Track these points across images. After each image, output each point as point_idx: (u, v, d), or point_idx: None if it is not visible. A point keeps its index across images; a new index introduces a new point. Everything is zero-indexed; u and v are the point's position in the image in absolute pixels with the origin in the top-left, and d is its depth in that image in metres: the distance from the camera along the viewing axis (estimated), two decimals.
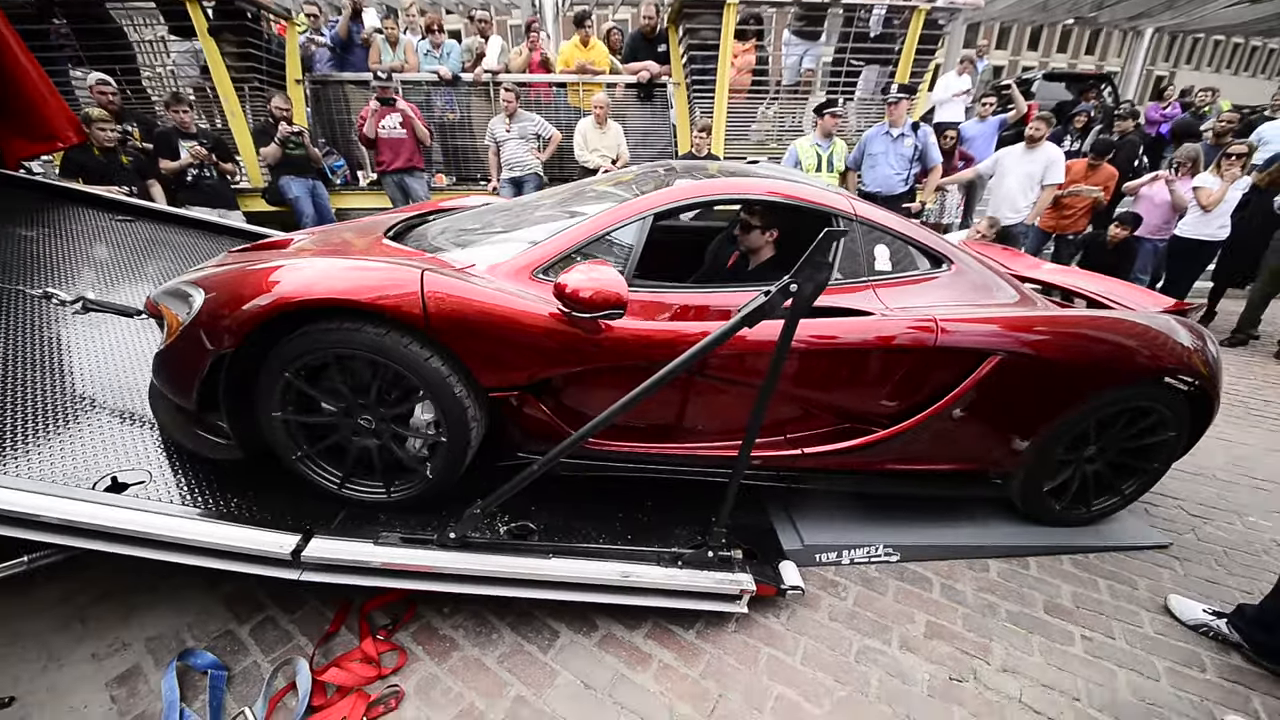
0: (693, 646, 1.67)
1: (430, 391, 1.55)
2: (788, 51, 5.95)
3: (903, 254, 1.98)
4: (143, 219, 3.24)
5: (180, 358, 1.60)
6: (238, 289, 1.51)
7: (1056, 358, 1.83)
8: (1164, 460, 2.10)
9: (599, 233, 1.77)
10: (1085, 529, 2.19)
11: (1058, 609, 1.87)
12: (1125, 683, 1.61)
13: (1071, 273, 2.77)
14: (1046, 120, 4.73)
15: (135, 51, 5.39)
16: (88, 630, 1.62)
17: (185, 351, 1.57)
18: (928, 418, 1.83)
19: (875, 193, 4.73)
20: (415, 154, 5.07)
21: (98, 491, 1.52)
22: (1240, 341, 4.79)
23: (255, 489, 1.69)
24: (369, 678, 1.50)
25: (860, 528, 2.08)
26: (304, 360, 1.52)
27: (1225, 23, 11.42)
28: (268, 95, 5.01)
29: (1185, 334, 1.98)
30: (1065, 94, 8.30)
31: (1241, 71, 37.48)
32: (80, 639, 1.59)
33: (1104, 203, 4.92)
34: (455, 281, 1.54)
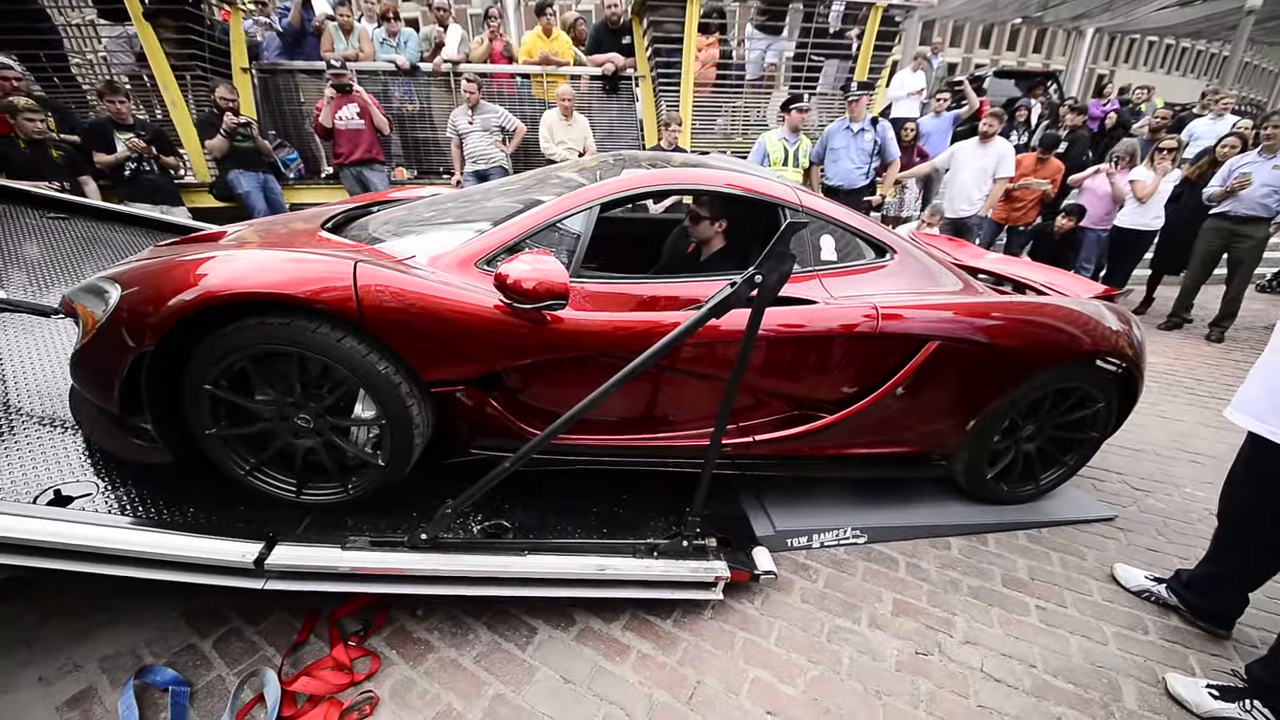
0: (670, 635, 1.69)
1: (369, 388, 1.51)
2: (751, 45, 6.00)
3: (848, 244, 2.02)
4: (77, 216, 3.04)
5: (98, 357, 1.52)
6: (160, 283, 1.43)
7: (993, 342, 1.91)
8: (1093, 439, 2.22)
9: (544, 223, 1.75)
10: (1039, 506, 2.31)
11: (1015, 582, 1.97)
12: (1077, 648, 1.72)
13: (1011, 261, 2.90)
14: (998, 116, 4.94)
15: (61, 36, 5.02)
16: (34, 653, 1.52)
17: (103, 351, 1.48)
18: (871, 403, 1.89)
19: (838, 186, 4.84)
20: (374, 146, 4.90)
21: (39, 505, 1.43)
22: (1175, 325, 5.12)
23: (213, 497, 1.62)
24: (341, 685, 1.46)
25: (829, 512, 2.14)
26: (233, 358, 1.46)
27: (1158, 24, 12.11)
28: (212, 85, 4.76)
29: (1112, 318, 2.10)
30: (1015, 91, 8.65)
31: (1174, 71, 39.84)
32: (26, 663, 1.49)
33: (1051, 195, 5.17)
34: (392, 273, 1.49)
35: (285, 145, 5.37)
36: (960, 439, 2.06)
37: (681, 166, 2.11)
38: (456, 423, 1.73)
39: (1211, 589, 1.75)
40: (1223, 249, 4.69)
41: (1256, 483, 1.57)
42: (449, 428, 1.75)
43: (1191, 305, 5.13)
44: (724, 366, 1.77)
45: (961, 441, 2.07)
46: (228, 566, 1.43)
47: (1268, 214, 4.36)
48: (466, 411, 1.68)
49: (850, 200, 4.82)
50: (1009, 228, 5.37)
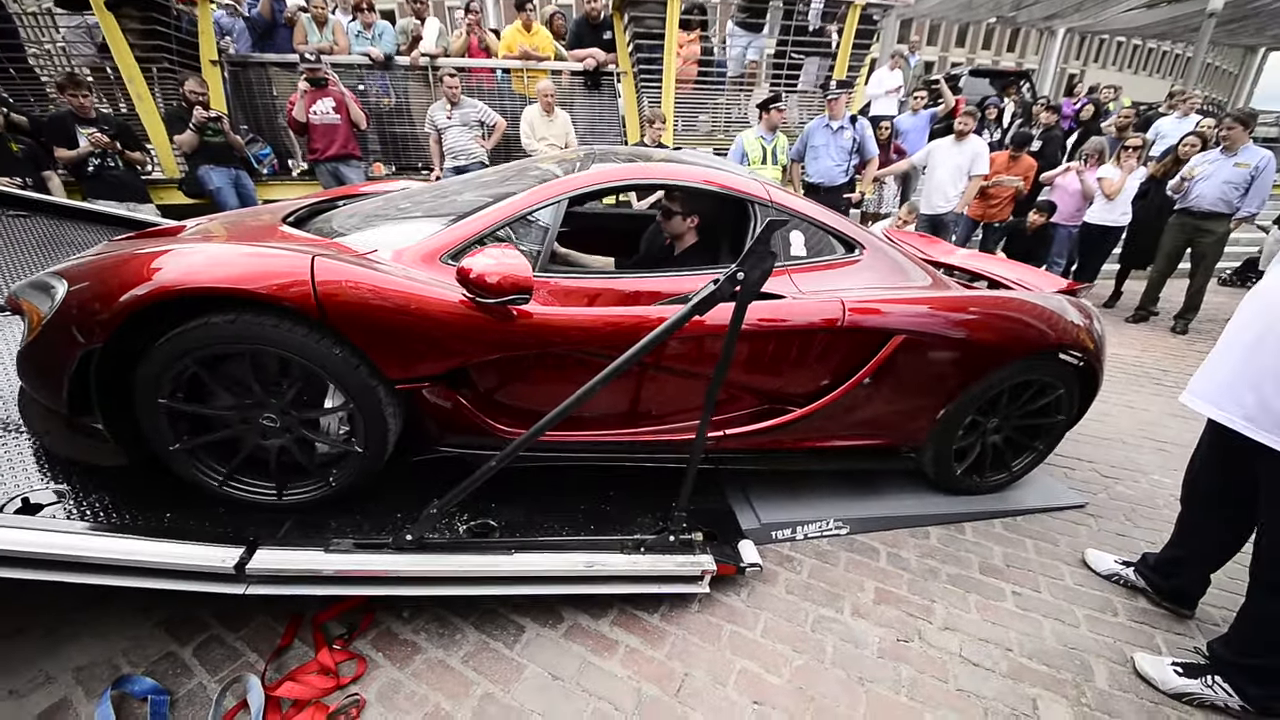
0: (658, 629, 1.71)
1: (337, 383, 1.49)
2: (732, 43, 6.03)
3: (818, 240, 2.04)
4: (39, 214, 2.93)
5: (44, 355, 1.47)
6: (110, 278, 1.39)
7: (957, 335, 1.94)
8: (1060, 423, 2.28)
9: (510, 217, 1.73)
10: (1014, 495, 2.38)
11: (991, 569, 2.03)
12: (1050, 631, 1.78)
13: (981, 258, 2.95)
14: (973, 114, 5.05)
15: (16, 25, 4.81)
16: (5, 666, 1.47)
17: (50, 348, 1.44)
18: (838, 396, 1.91)
19: (818, 183, 4.89)
20: (351, 141, 4.81)
21: (7, 514, 1.38)
22: (1142, 318, 5.30)
23: (190, 501, 1.59)
24: (327, 689, 1.45)
25: (813, 504, 2.18)
26: (187, 361, 1.41)
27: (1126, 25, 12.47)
28: (180, 78, 4.61)
29: (1075, 313, 2.16)
30: (989, 89, 8.82)
31: (1141, 71, 41.08)
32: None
33: (1024, 192, 5.30)
34: (351, 267, 1.46)
35: (258, 140, 5.24)
36: (927, 432, 2.10)
37: (648, 162, 2.11)
38: (425, 420, 1.70)
39: (1175, 571, 1.83)
40: (1186, 244, 4.87)
41: (1215, 467, 1.64)
42: (418, 425, 1.73)
43: (1158, 299, 5.31)
44: (697, 362, 1.79)
45: (928, 434, 2.11)
46: (208, 572, 1.40)
47: (1228, 210, 4.53)
48: (433, 409, 1.66)
49: (830, 197, 4.87)
50: (984, 224, 5.50)
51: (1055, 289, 2.38)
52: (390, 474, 1.83)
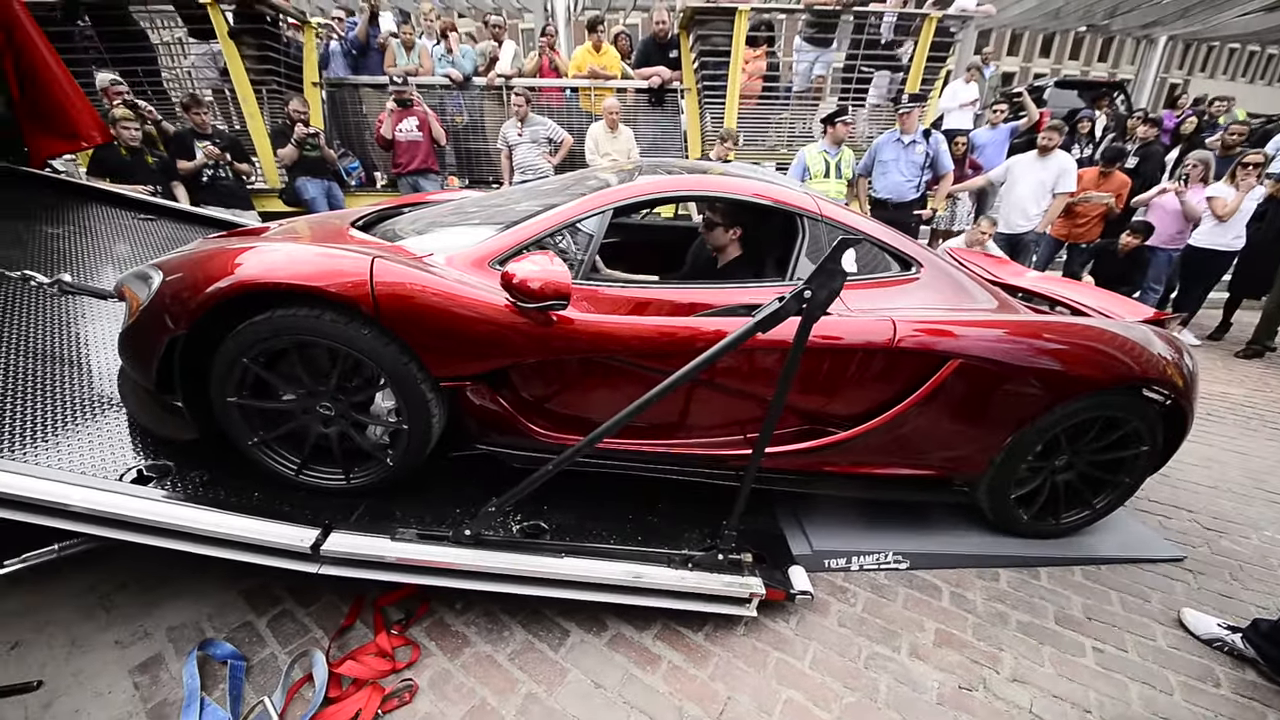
0: (702, 648, 1.68)
1: (390, 378, 1.57)
2: (799, 58, 5.97)
3: (872, 257, 1.96)
4: (164, 218, 3.31)
5: (139, 338, 1.64)
6: (194, 272, 1.53)
7: (1020, 364, 1.80)
8: (1136, 475, 2.07)
9: (557, 226, 1.77)
10: (1098, 541, 2.18)
11: (1069, 620, 1.86)
12: (1137, 695, 1.61)
13: (1055, 281, 2.72)
14: (1058, 129, 4.73)
15: (156, 54, 5.50)
16: (111, 619, 1.65)
17: (143, 332, 1.60)
18: (884, 422, 1.82)
19: (886, 199, 4.73)
20: (430, 156, 5.14)
21: (124, 483, 1.56)
22: (1256, 354, 4.74)
23: (275, 483, 1.73)
24: (383, 671, 1.52)
25: (869, 534, 2.08)
26: (259, 347, 1.53)
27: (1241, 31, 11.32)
28: (285, 98, 5.10)
29: (1161, 345, 1.95)
30: (1078, 102, 8.28)
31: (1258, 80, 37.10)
32: (104, 627, 1.63)
33: (1116, 211, 4.90)
34: (406, 269, 1.54)
35: (348, 155, 5.70)
36: (984, 465, 1.96)
37: (694, 174, 2.10)
38: (464, 418, 1.76)
39: None
40: None
41: None
42: (459, 422, 1.78)
43: (1276, 333, 4.74)
44: (739, 376, 1.76)
45: (986, 467, 1.97)
46: (287, 549, 1.52)
47: None
48: (474, 407, 1.71)
49: (899, 214, 4.70)
50: (1069, 245, 5.12)
51: (1139, 318, 2.17)
52: (450, 468, 1.91)
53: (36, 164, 3.26)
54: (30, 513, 1.41)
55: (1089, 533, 2.21)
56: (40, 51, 3.10)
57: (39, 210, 2.85)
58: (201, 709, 1.39)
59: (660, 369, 1.70)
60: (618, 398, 1.76)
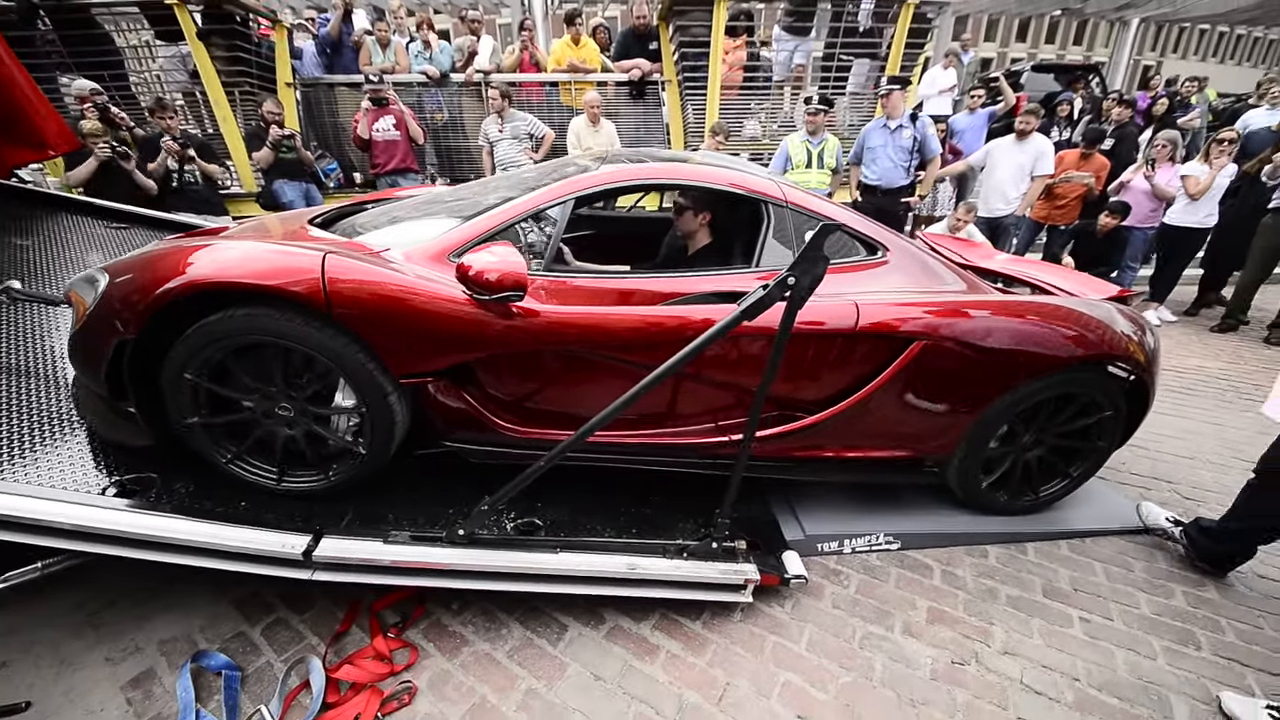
0: (699, 636, 1.70)
1: (347, 377, 1.55)
2: (778, 47, 5.97)
3: (838, 241, 1.96)
4: (137, 226, 3.24)
5: (87, 343, 1.60)
6: (142, 273, 1.49)
7: (985, 343, 1.82)
8: (1101, 448, 2.10)
9: (516, 217, 1.75)
10: (1082, 515, 2.23)
11: (1057, 592, 1.91)
12: (1123, 662, 1.65)
13: (1024, 263, 2.73)
14: (1035, 112, 4.79)
15: (123, 57, 5.35)
16: (100, 635, 1.63)
17: (91, 336, 1.57)
18: (851, 405, 1.82)
19: (876, 185, 4.75)
20: (408, 155, 5.06)
21: (107, 496, 1.53)
22: (1230, 327, 4.86)
23: (264, 490, 1.71)
24: (382, 674, 1.52)
25: (861, 517, 2.11)
26: (211, 349, 1.50)
27: (1210, 12, 11.51)
28: (259, 99, 4.99)
29: (1124, 322, 1.98)
30: (1054, 85, 8.36)
31: (1228, 60, 37.80)
32: (93, 644, 1.60)
33: (1095, 192, 4.98)
34: (359, 264, 1.50)
35: (326, 156, 5.60)
36: (953, 444, 1.98)
37: (659, 162, 2.08)
38: (429, 415, 1.73)
39: (1227, 539, 1.92)
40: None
41: None
42: (424, 419, 1.75)
43: (1248, 306, 4.85)
44: (711, 365, 1.75)
45: (954, 447, 1.99)
46: (278, 557, 1.50)
47: None
48: (438, 404, 1.68)
49: (889, 200, 4.72)
50: (1049, 227, 5.19)
51: (1103, 295, 2.20)
52: (441, 468, 1.90)
53: (2, 174, 3.16)
54: (12, 531, 1.38)
55: (1074, 507, 2.26)
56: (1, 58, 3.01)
57: (7, 221, 2.77)
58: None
59: (628, 359, 1.70)
60: (586, 390, 1.78)
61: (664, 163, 2.09)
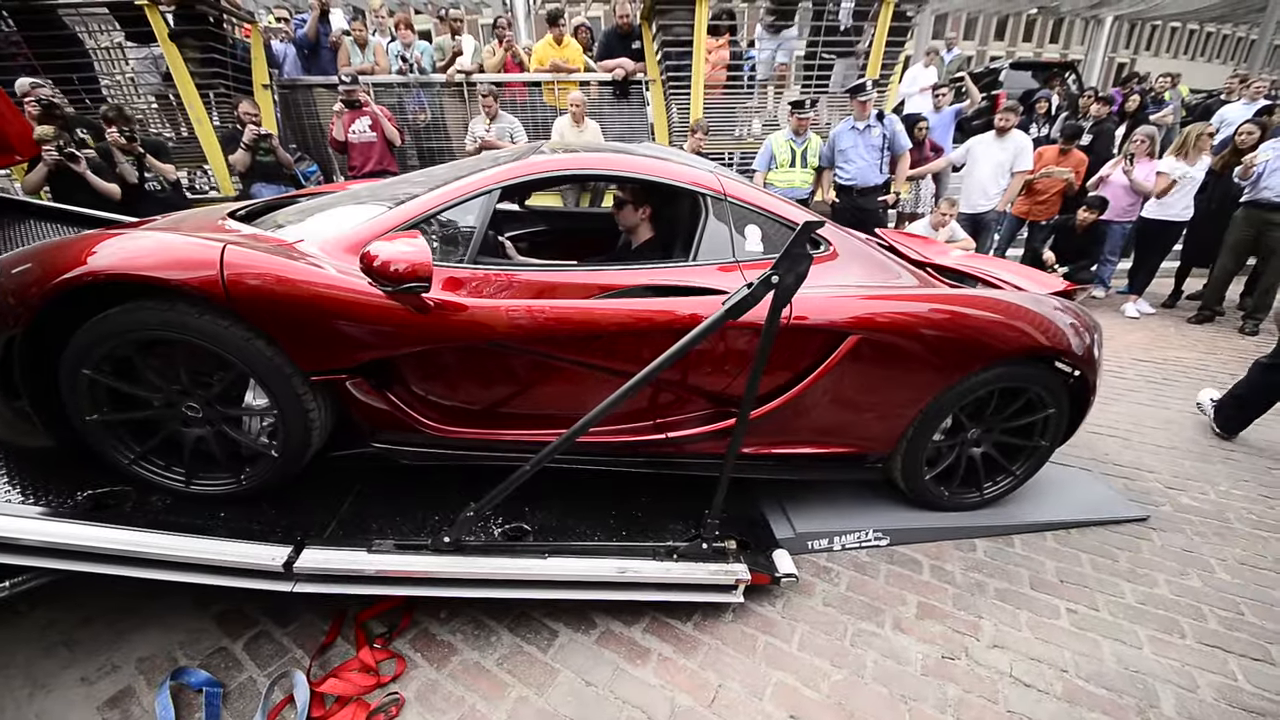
0: (691, 638, 1.69)
1: (255, 374, 1.49)
2: (761, 46, 5.98)
3: (780, 236, 1.89)
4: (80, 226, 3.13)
5: None
6: (36, 266, 1.43)
7: (919, 336, 1.80)
8: (1039, 453, 2.12)
9: (437, 207, 1.69)
10: (1067, 505, 2.26)
11: (1043, 584, 1.93)
12: (1110, 652, 1.67)
13: (978, 259, 2.71)
14: (1014, 109, 4.85)
15: (92, 60, 5.20)
16: (75, 655, 1.57)
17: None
18: (787, 401, 1.80)
19: (852, 185, 4.78)
20: (386, 156, 4.99)
21: (79, 511, 1.48)
22: (1206, 319, 4.96)
23: (245, 501, 1.67)
24: (368, 686, 1.49)
25: (850, 514, 2.12)
26: (106, 345, 1.43)
27: (1181, 10, 11.78)
28: (234, 101, 4.88)
29: (1065, 316, 1.98)
30: (1032, 82, 8.50)
31: (1199, 57, 38.73)
32: (68, 664, 1.55)
33: (1075, 187, 5.06)
34: (260, 255, 1.44)
35: (305, 158, 5.49)
36: (895, 440, 1.96)
37: (593, 153, 2.04)
38: (352, 415, 1.67)
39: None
40: (1255, 238, 4.54)
41: None
42: (348, 421, 1.69)
43: (1223, 297, 4.96)
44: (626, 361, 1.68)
45: (896, 443, 1.97)
46: (258, 569, 1.47)
47: None
48: (358, 403, 1.61)
49: (865, 199, 4.75)
50: (1030, 222, 5.27)
51: (1049, 291, 2.17)
52: (424, 474, 1.87)
53: None
54: None
55: (1059, 498, 2.29)
56: None
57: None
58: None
59: (559, 355, 1.67)
60: (517, 388, 1.73)
61: (598, 154, 2.04)
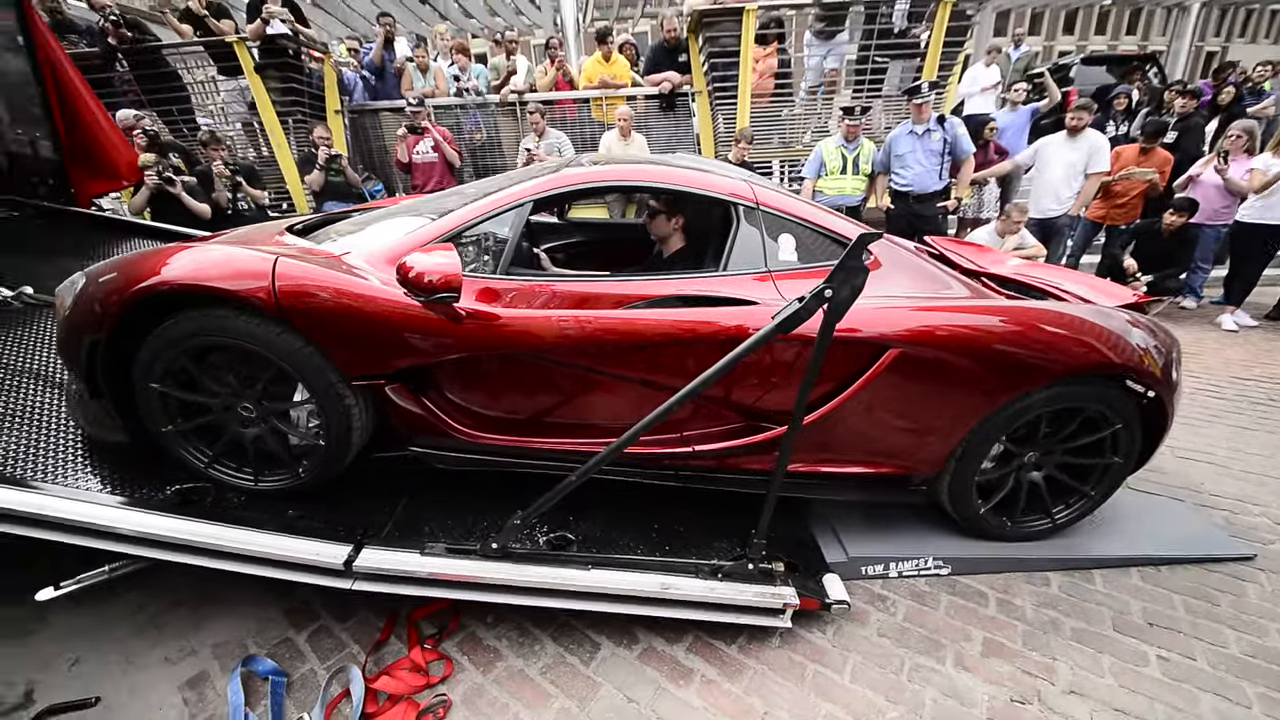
0: (735, 661, 1.64)
1: (302, 379, 1.58)
2: (809, 53, 5.89)
3: (818, 245, 1.83)
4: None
5: (66, 342, 1.68)
6: (116, 276, 1.56)
7: (967, 351, 1.67)
8: (1109, 475, 1.93)
9: (472, 220, 1.74)
10: (1156, 540, 2.05)
11: (1129, 626, 1.75)
12: (1210, 708, 1.49)
13: (1040, 268, 2.50)
14: (1087, 107, 4.54)
15: (190, 93, 5.77)
16: (161, 636, 1.71)
17: (69, 335, 1.65)
18: (821, 416, 1.70)
19: (908, 191, 4.60)
20: (446, 176, 5.25)
21: (169, 504, 1.61)
22: None
23: (310, 500, 1.77)
24: (418, 686, 1.53)
25: (907, 539, 2.01)
26: (174, 349, 1.55)
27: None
28: (310, 126, 5.28)
29: (1138, 332, 1.79)
30: (1107, 77, 7.92)
31: None
32: (155, 644, 1.68)
33: (1159, 188, 4.66)
34: (309, 267, 1.54)
35: (371, 177, 5.85)
36: (941, 461, 1.83)
37: (626, 164, 2.04)
38: (390, 419, 1.74)
39: None
40: None
41: None
42: (388, 425, 1.76)
43: None
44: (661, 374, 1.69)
45: (943, 464, 1.84)
46: (321, 566, 1.55)
47: None
48: (395, 408, 1.69)
49: (922, 206, 4.56)
50: (1107, 227, 4.90)
51: (1118, 303, 1.97)
52: (475, 479, 1.91)
53: (83, 203, 3.44)
54: (83, 536, 1.47)
55: (1147, 531, 2.09)
56: (83, 98, 3.29)
57: (71, 244, 2.99)
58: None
59: (588, 365, 1.68)
60: (548, 396, 1.76)
61: (626, 165, 2.06)
